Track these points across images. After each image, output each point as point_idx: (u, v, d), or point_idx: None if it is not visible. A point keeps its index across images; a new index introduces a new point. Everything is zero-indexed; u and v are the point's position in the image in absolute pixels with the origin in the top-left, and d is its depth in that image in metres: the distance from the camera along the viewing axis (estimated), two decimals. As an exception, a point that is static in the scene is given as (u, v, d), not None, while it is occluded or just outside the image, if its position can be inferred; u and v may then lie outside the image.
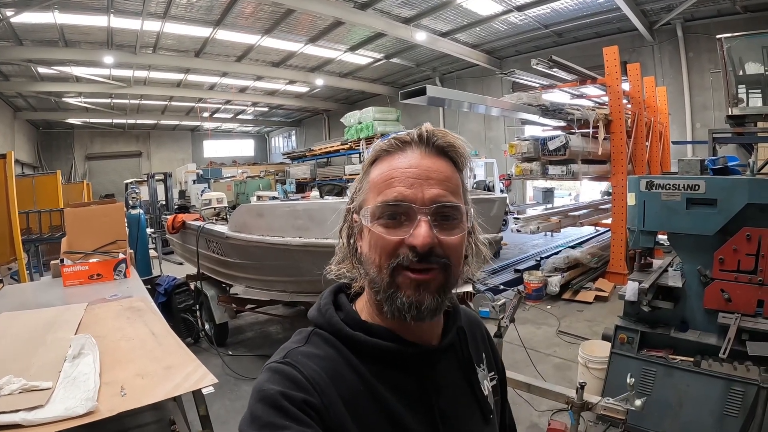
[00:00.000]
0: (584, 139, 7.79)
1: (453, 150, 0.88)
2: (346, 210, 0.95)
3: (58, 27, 12.42)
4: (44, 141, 26.39)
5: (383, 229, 0.83)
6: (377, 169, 0.89)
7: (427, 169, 0.84)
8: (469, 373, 1.00)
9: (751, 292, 3.16)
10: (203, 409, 2.24)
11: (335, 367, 0.84)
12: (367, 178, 0.90)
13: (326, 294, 1.00)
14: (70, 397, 1.89)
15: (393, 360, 0.88)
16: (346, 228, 0.95)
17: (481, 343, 1.11)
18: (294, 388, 0.78)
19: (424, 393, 0.89)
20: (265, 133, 36.59)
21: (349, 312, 0.93)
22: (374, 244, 0.84)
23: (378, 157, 0.90)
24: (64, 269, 4.13)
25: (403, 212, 0.82)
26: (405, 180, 0.83)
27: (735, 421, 3.15)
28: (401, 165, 0.85)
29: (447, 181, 0.85)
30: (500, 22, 13.76)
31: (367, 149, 18.60)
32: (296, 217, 4.39)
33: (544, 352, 5.64)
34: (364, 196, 0.89)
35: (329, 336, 0.90)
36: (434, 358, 0.92)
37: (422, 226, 0.80)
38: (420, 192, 0.82)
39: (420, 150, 0.87)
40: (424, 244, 0.79)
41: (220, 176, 20.03)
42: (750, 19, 11.07)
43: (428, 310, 0.82)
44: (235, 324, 6.90)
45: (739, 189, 3.14)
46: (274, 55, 16.80)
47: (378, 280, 0.84)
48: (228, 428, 4.18)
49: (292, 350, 0.87)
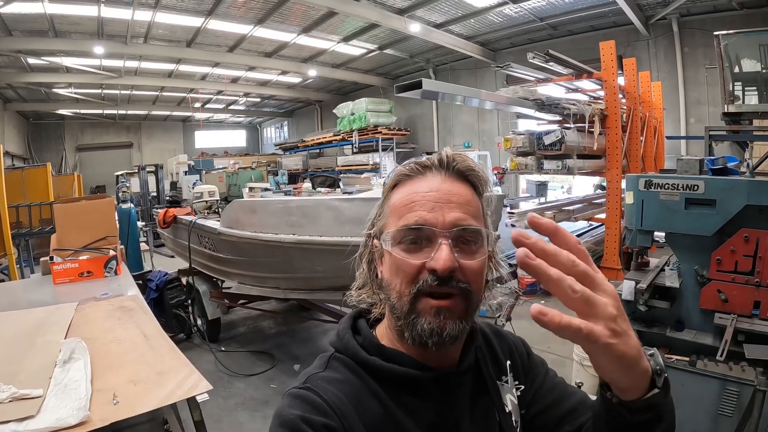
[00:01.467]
0: (580, 134, 7.77)
1: (473, 174, 0.89)
2: (365, 235, 0.96)
3: (48, 17, 12.18)
4: (34, 132, 26.00)
5: (404, 254, 0.83)
6: (398, 193, 0.89)
7: (447, 192, 0.85)
8: (491, 394, 0.99)
9: (748, 293, 3.15)
10: (197, 414, 2.20)
11: (355, 391, 0.85)
12: (388, 203, 0.91)
13: (345, 319, 1.01)
14: (61, 406, 1.85)
15: (410, 385, 0.88)
16: (367, 253, 0.95)
17: (504, 354, 1.08)
18: (314, 412, 0.78)
19: (443, 418, 0.88)
20: (257, 124, 36.33)
21: (368, 336, 0.94)
22: (395, 269, 0.85)
23: (399, 182, 0.91)
24: (54, 267, 4.06)
25: (424, 236, 0.83)
26: (426, 204, 0.84)
27: (730, 421, 3.16)
28: (422, 189, 0.86)
29: (468, 204, 0.86)
30: (495, 13, 13.66)
31: (360, 140, 18.74)
32: (289, 214, 4.35)
33: (538, 348, 5.60)
34: (385, 220, 0.90)
35: (349, 360, 0.91)
36: (453, 381, 0.92)
37: (443, 250, 0.80)
38: (441, 216, 0.82)
39: (441, 174, 0.88)
40: (445, 268, 0.79)
41: (212, 167, 19.88)
42: (746, 16, 11.05)
43: (450, 336, 0.82)
44: (227, 319, 6.86)
45: (738, 190, 3.13)
46: (267, 46, 16.63)
47: (399, 306, 0.85)
48: (221, 427, 4.17)
49: (312, 375, 0.88)
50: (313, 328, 6.57)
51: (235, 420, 4.33)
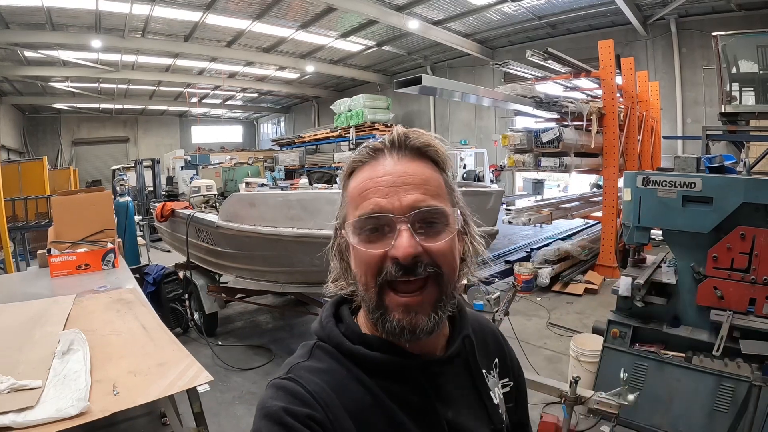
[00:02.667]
0: (577, 132, 7.79)
1: (430, 149, 0.84)
2: (335, 227, 0.92)
3: (46, 10, 12.11)
4: (30, 126, 25.88)
5: (365, 244, 0.80)
6: (353, 181, 0.85)
7: (402, 174, 0.80)
8: (477, 382, 0.96)
9: (744, 290, 3.18)
10: (198, 406, 2.20)
11: (340, 380, 0.82)
12: (346, 192, 0.87)
13: (328, 306, 0.97)
14: (61, 397, 1.85)
15: (395, 373, 0.85)
16: (337, 245, 0.91)
17: (492, 348, 1.08)
18: (297, 403, 0.76)
19: (429, 405, 0.86)
20: (254, 120, 36.24)
21: (350, 325, 0.91)
22: (358, 261, 0.82)
23: (354, 169, 0.87)
24: (52, 259, 4.06)
25: (384, 224, 0.79)
26: (380, 190, 0.80)
27: (725, 416, 3.19)
28: (375, 174, 0.82)
29: (426, 184, 0.81)
30: (494, 11, 13.67)
31: (357, 137, 18.71)
32: (289, 207, 4.34)
33: (535, 344, 5.67)
34: (345, 210, 0.86)
35: (332, 349, 0.88)
36: (437, 368, 0.90)
37: (403, 236, 0.76)
38: (397, 200, 0.78)
39: (394, 156, 0.83)
40: (406, 255, 0.75)
41: (209, 162, 19.85)
42: (744, 17, 11.10)
43: (423, 332, 0.79)
44: (224, 314, 6.86)
45: (735, 188, 3.16)
46: (265, 41, 16.59)
47: (367, 298, 0.82)
48: (219, 420, 4.17)
49: (295, 365, 0.85)
50: (310, 322, 6.52)
51: (232, 414, 4.34)
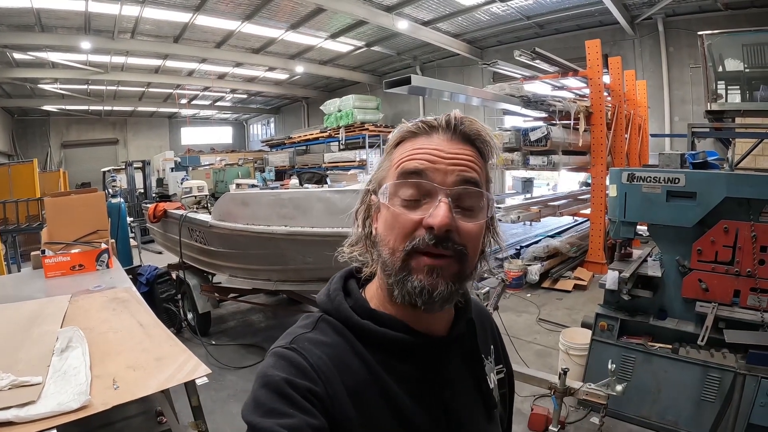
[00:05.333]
0: (565, 131, 7.88)
1: (480, 138, 0.86)
2: (364, 191, 0.93)
3: (35, 11, 12.00)
4: (19, 129, 25.61)
5: (402, 208, 0.81)
6: (400, 149, 0.86)
7: (452, 152, 0.82)
8: (475, 366, 0.99)
9: (728, 282, 3.26)
10: (195, 399, 2.25)
11: (342, 355, 0.83)
12: (390, 158, 0.88)
13: (336, 279, 0.97)
14: (62, 391, 1.88)
15: (400, 350, 0.86)
16: (363, 209, 0.92)
17: (489, 335, 1.10)
18: (299, 375, 0.76)
19: (429, 384, 0.88)
20: (244, 121, 36.09)
21: (359, 299, 0.91)
22: (391, 223, 0.82)
23: (403, 139, 0.88)
24: (46, 260, 4.07)
25: (424, 192, 0.80)
26: (429, 158, 0.81)
27: (712, 405, 3.27)
28: (427, 145, 0.83)
29: (472, 167, 0.83)
30: (482, 12, 13.73)
31: (347, 137, 18.71)
32: (281, 206, 4.37)
33: (525, 339, 5.74)
34: (384, 174, 0.87)
35: (337, 323, 0.88)
36: (442, 349, 0.91)
37: (442, 207, 0.77)
38: (443, 171, 0.80)
39: (446, 135, 0.84)
40: (442, 224, 0.76)
41: (199, 164, 19.72)
42: (731, 17, 11.23)
43: (440, 296, 0.79)
44: (217, 313, 6.88)
45: (718, 183, 3.23)
46: (254, 42, 16.55)
47: (390, 262, 0.81)
48: (214, 418, 4.19)
49: (298, 336, 0.85)
50: (303, 322, 6.60)
51: (227, 411, 4.37)
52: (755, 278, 3.15)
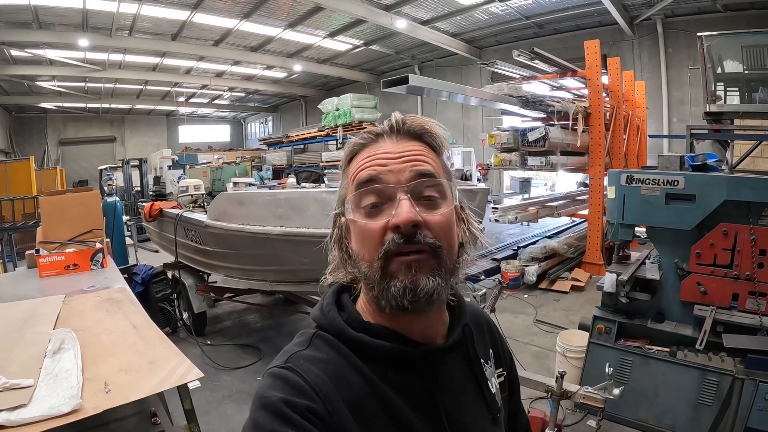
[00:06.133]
0: (563, 131, 7.86)
1: (426, 133, 0.88)
2: (333, 215, 0.92)
3: (32, 8, 11.97)
4: (16, 126, 25.55)
5: (366, 219, 0.81)
6: (353, 163, 0.88)
7: (400, 151, 0.84)
8: (476, 372, 0.97)
9: (727, 285, 3.25)
10: (188, 403, 2.22)
11: (339, 371, 0.82)
12: (346, 175, 0.89)
13: (329, 294, 0.96)
14: (53, 395, 1.85)
15: (397, 361, 0.85)
16: (336, 233, 0.91)
17: (488, 338, 1.09)
18: (296, 394, 0.75)
19: (430, 394, 0.86)
20: (242, 119, 36.09)
21: (352, 312, 0.90)
22: (361, 236, 0.82)
23: (355, 153, 0.89)
24: (40, 260, 4.04)
25: (385, 197, 0.81)
26: (379, 163, 0.83)
27: (709, 409, 3.26)
28: (375, 153, 0.85)
29: (423, 159, 0.84)
30: (481, 11, 13.75)
31: (344, 136, 18.66)
32: (277, 206, 4.34)
33: (522, 340, 5.72)
34: (345, 192, 0.88)
35: (332, 338, 0.87)
36: (439, 357, 0.89)
37: (403, 204, 0.78)
38: (396, 172, 0.81)
39: (393, 138, 0.86)
40: (406, 220, 0.76)
41: (196, 162, 19.65)
42: (730, 18, 11.26)
43: (425, 292, 0.78)
44: (212, 313, 6.84)
45: (718, 186, 3.22)
46: (252, 40, 16.54)
47: (371, 275, 0.81)
48: (209, 419, 4.17)
49: (294, 354, 0.84)
50: (298, 321, 6.57)
51: (222, 412, 4.34)
52: (754, 282, 3.15)
